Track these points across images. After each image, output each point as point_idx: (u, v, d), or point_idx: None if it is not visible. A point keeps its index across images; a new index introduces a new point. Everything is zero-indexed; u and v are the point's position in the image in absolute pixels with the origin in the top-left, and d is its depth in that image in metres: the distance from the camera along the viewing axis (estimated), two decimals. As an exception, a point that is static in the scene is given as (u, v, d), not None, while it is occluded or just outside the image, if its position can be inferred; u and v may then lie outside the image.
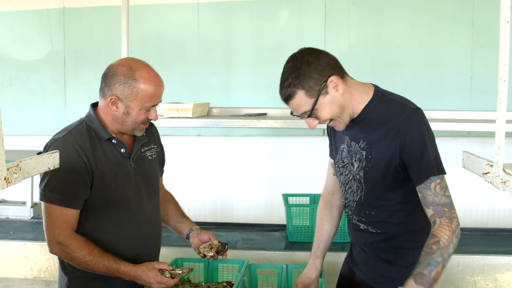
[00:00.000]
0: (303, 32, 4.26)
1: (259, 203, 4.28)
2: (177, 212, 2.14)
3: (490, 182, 1.12)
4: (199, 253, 2.01)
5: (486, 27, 4.04)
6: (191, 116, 3.22)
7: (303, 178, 4.15)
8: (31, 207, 3.51)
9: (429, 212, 1.60)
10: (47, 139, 1.82)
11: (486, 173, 1.14)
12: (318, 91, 1.58)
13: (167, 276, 1.76)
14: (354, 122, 1.70)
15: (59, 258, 1.86)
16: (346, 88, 1.63)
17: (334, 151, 1.88)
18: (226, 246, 2.01)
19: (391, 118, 1.62)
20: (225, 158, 4.35)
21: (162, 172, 2.13)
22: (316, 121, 1.64)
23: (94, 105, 1.88)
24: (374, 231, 1.77)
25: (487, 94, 3.79)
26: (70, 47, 4.52)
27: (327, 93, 1.59)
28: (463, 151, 1.32)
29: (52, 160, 1.20)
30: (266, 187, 4.27)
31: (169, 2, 4.39)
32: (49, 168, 1.19)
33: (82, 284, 1.84)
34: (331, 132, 1.89)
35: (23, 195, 3.52)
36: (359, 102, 1.67)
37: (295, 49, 1.73)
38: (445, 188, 1.61)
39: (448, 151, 3.99)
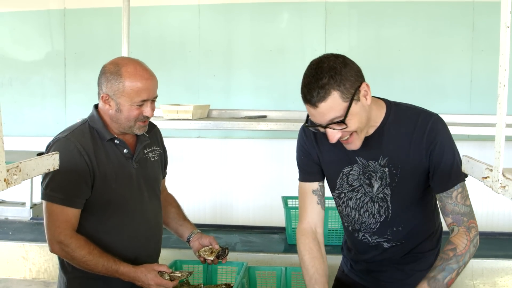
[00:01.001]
0: (304, 35, 4.26)
1: (259, 206, 4.28)
2: (179, 215, 2.14)
3: (490, 187, 1.12)
4: (199, 256, 2.01)
5: (486, 31, 4.05)
6: (191, 118, 3.22)
7: (303, 181, 4.14)
8: (31, 208, 3.51)
9: (448, 220, 1.59)
10: (47, 139, 1.82)
11: (486, 178, 1.14)
12: (353, 95, 1.45)
13: (166, 278, 1.76)
14: (370, 139, 1.59)
15: (59, 258, 1.86)
16: (371, 99, 1.52)
17: (328, 176, 1.73)
18: (227, 251, 2.01)
19: (415, 126, 1.57)
20: (225, 160, 4.35)
21: (164, 174, 2.13)
22: (340, 133, 1.49)
23: (97, 106, 1.89)
24: (399, 243, 1.72)
25: (487, 97, 3.79)
26: (71, 48, 4.52)
27: (358, 99, 1.47)
28: (463, 155, 1.32)
29: (52, 162, 1.20)
30: (266, 189, 4.27)
31: (169, 4, 4.39)
32: (49, 170, 1.19)
33: (81, 284, 1.84)
34: (319, 155, 1.71)
35: (23, 196, 3.52)
36: (377, 115, 1.59)
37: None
38: (465, 197, 1.59)
39: (447, 155, 4.01)
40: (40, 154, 1.32)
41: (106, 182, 1.79)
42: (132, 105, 1.76)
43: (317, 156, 1.71)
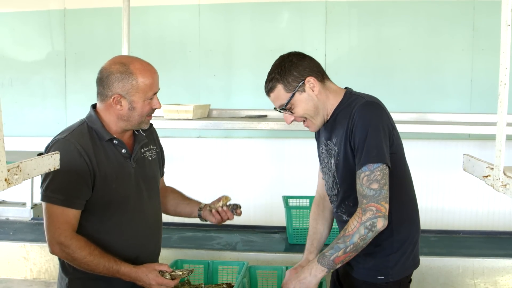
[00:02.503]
0: (304, 35, 4.26)
1: (259, 205, 4.28)
2: (182, 197, 2.18)
3: (491, 185, 1.12)
4: (210, 211, 2.05)
5: (486, 30, 4.04)
6: (191, 117, 3.22)
7: (303, 180, 4.14)
8: (31, 208, 3.51)
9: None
10: (47, 140, 1.82)
11: (487, 176, 1.14)
12: (296, 88, 1.76)
13: (167, 277, 1.76)
14: (327, 122, 1.84)
15: (60, 259, 1.85)
16: (324, 91, 1.79)
17: (318, 154, 1.98)
18: (239, 205, 2.05)
19: (350, 110, 1.74)
20: (225, 160, 4.35)
21: (162, 173, 2.14)
22: (292, 117, 1.81)
23: (95, 106, 1.89)
24: None
25: (487, 96, 3.80)
26: (71, 48, 4.53)
27: (303, 91, 1.77)
28: (464, 154, 1.32)
29: (53, 161, 1.20)
30: (266, 189, 4.27)
31: (170, 4, 4.39)
32: (50, 169, 1.20)
33: (83, 285, 1.84)
34: (318, 138, 1.98)
35: (23, 196, 3.52)
36: (333, 104, 1.82)
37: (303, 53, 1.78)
38: (372, 181, 1.65)
39: (448, 154, 4.03)
40: (40, 154, 1.32)
41: (107, 182, 1.79)
42: (145, 100, 1.80)
43: (317, 141, 1.99)
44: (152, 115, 1.88)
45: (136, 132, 1.92)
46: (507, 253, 2.78)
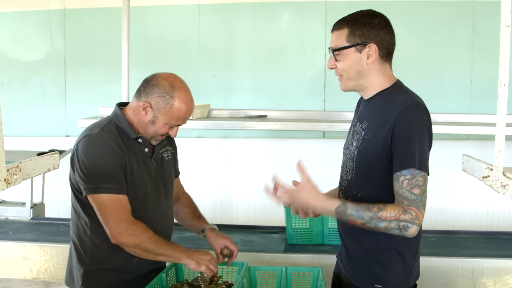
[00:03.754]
0: (304, 35, 4.26)
1: (259, 205, 4.27)
2: (193, 214, 2.24)
3: (490, 186, 1.13)
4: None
5: (486, 30, 4.04)
6: (191, 117, 3.22)
7: (303, 180, 4.15)
8: (31, 208, 3.51)
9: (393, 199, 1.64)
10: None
11: (486, 177, 1.14)
12: (355, 43, 1.70)
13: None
14: (366, 103, 1.79)
15: (76, 250, 1.91)
16: (377, 67, 1.74)
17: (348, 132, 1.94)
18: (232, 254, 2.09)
19: (394, 106, 1.66)
20: (225, 160, 4.35)
21: (178, 172, 2.25)
22: (334, 65, 1.76)
23: (120, 105, 1.97)
24: None
25: (487, 97, 3.80)
26: (71, 48, 4.52)
27: (360, 52, 1.71)
28: (463, 155, 1.32)
29: (52, 162, 1.20)
30: (266, 189, 4.26)
31: (169, 4, 4.39)
32: (49, 170, 1.20)
33: (98, 275, 1.89)
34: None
35: (23, 196, 3.52)
36: (379, 85, 1.76)
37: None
38: (414, 185, 1.59)
39: (448, 154, 4.02)
40: (40, 154, 1.32)
41: (133, 178, 1.86)
42: (166, 124, 1.89)
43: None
44: None
45: None
46: (507, 254, 2.78)
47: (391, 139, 1.63)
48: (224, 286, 2.02)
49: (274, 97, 4.28)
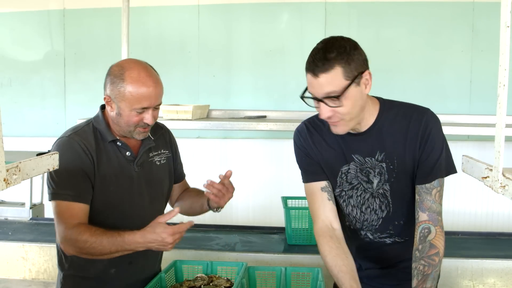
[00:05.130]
0: (304, 35, 4.26)
1: (258, 206, 4.27)
2: (197, 191, 2.12)
3: (490, 186, 1.12)
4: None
5: (486, 31, 4.05)
6: (190, 118, 3.22)
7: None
8: (30, 208, 3.50)
9: (423, 216, 1.58)
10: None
11: (486, 177, 1.14)
12: (355, 77, 1.47)
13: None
14: (365, 135, 1.61)
15: (58, 253, 1.85)
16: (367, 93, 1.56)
17: (329, 174, 1.71)
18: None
19: (410, 121, 1.58)
20: (224, 161, 4.35)
21: (182, 176, 2.14)
22: (331, 112, 1.50)
23: (104, 107, 1.86)
24: (402, 240, 1.72)
25: (486, 98, 3.79)
26: (70, 48, 4.52)
27: (359, 84, 1.49)
28: (463, 155, 1.32)
29: (52, 161, 1.20)
30: (265, 189, 4.27)
31: (169, 4, 4.39)
32: (49, 170, 1.19)
33: (74, 283, 1.84)
34: (317, 154, 1.70)
35: (22, 196, 3.51)
36: (372, 112, 1.61)
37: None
38: (442, 196, 1.60)
39: (447, 155, 4.01)
40: (40, 154, 1.32)
41: (104, 184, 1.77)
42: (132, 111, 1.73)
43: (316, 156, 1.71)
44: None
45: None
46: (506, 255, 2.78)
47: (421, 152, 1.58)
48: (223, 287, 2.02)
49: (273, 97, 4.28)
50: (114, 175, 1.79)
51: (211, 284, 1.97)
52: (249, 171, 4.31)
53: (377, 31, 4.18)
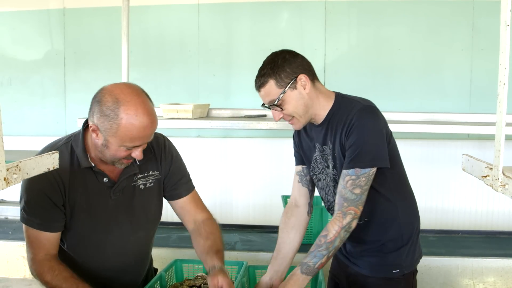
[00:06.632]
0: (304, 34, 4.26)
1: (258, 205, 4.27)
2: (207, 248, 1.85)
3: (490, 185, 1.12)
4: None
5: (486, 30, 4.04)
6: (190, 117, 3.22)
7: (303, 180, 4.14)
8: (30, 207, 3.51)
9: (336, 198, 1.75)
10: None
11: (486, 176, 1.14)
12: (288, 84, 1.75)
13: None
14: (321, 127, 1.84)
15: None
16: (314, 91, 1.79)
17: (306, 160, 1.98)
18: None
19: (348, 114, 1.75)
20: (224, 160, 4.35)
21: (188, 190, 1.96)
22: (281, 114, 1.80)
23: (87, 123, 1.71)
24: (361, 222, 1.82)
25: (487, 96, 3.79)
26: (70, 48, 4.52)
27: (295, 88, 1.76)
28: (463, 154, 1.32)
29: (52, 161, 1.20)
30: (266, 188, 4.26)
31: (169, 3, 4.39)
32: (49, 169, 1.19)
33: None
34: (298, 142, 2.00)
35: (22, 195, 3.51)
36: (324, 107, 1.82)
37: (295, 51, 1.78)
38: (356, 186, 1.70)
39: (447, 154, 4.02)
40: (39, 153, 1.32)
41: (74, 212, 1.70)
42: (121, 147, 1.59)
43: (297, 145, 2.02)
44: None
45: None
46: (506, 253, 2.79)
47: (344, 144, 1.73)
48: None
49: (273, 96, 4.27)
50: (86, 203, 1.70)
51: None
52: (249, 170, 4.31)
53: (377, 30, 4.17)
